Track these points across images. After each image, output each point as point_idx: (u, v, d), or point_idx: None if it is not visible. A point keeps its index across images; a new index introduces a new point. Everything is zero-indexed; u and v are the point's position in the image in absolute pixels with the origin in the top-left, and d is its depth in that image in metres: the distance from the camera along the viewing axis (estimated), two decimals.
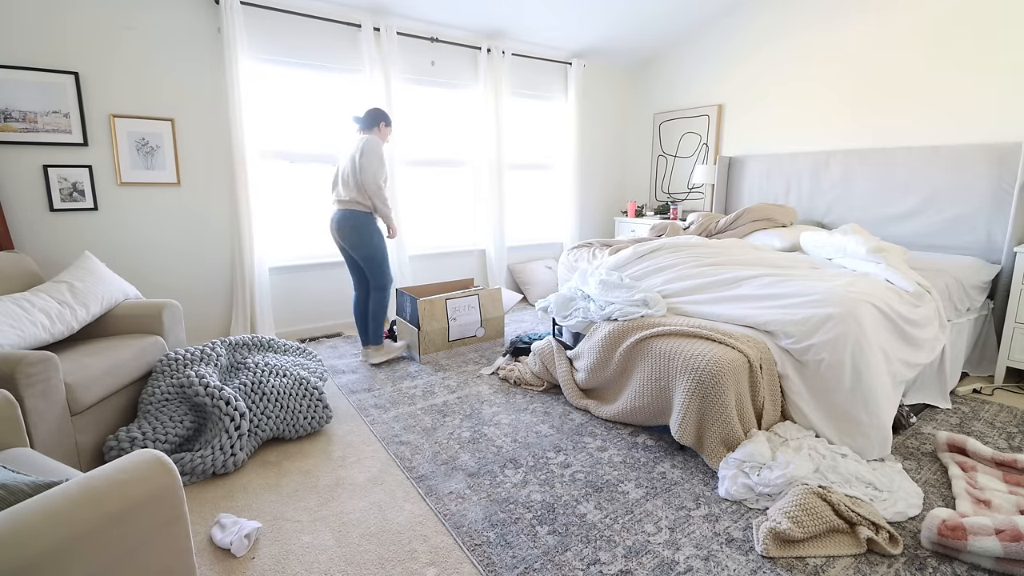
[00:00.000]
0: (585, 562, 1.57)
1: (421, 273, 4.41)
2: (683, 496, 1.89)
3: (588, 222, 5.53)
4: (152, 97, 3.15)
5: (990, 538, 1.50)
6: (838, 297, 2.17)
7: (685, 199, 5.14)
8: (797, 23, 4.06)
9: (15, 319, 1.99)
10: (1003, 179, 3.10)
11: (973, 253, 3.25)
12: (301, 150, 3.76)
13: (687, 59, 4.93)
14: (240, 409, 2.12)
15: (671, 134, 5.18)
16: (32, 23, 2.79)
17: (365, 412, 2.60)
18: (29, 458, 1.37)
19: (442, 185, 4.49)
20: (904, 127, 3.58)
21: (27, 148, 2.84)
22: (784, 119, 4.26)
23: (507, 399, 2.73)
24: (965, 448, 2.07)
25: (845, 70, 3.83)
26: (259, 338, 2.70)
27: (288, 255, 3.83)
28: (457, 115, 4.43)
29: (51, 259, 2.97)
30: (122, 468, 1.06)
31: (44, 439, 1.77)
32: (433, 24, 4.07)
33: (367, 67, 3.76)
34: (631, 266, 2.97)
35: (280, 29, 3.50)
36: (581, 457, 2.16)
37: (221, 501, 1.88)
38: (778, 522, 1.61)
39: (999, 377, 2.93)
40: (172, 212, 3.31)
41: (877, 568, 1.54)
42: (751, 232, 3.73)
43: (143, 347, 2.27)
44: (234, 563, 1.58)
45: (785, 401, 2.22)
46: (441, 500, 1.88)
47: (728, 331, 2.26)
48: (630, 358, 2.41)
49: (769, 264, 2.76)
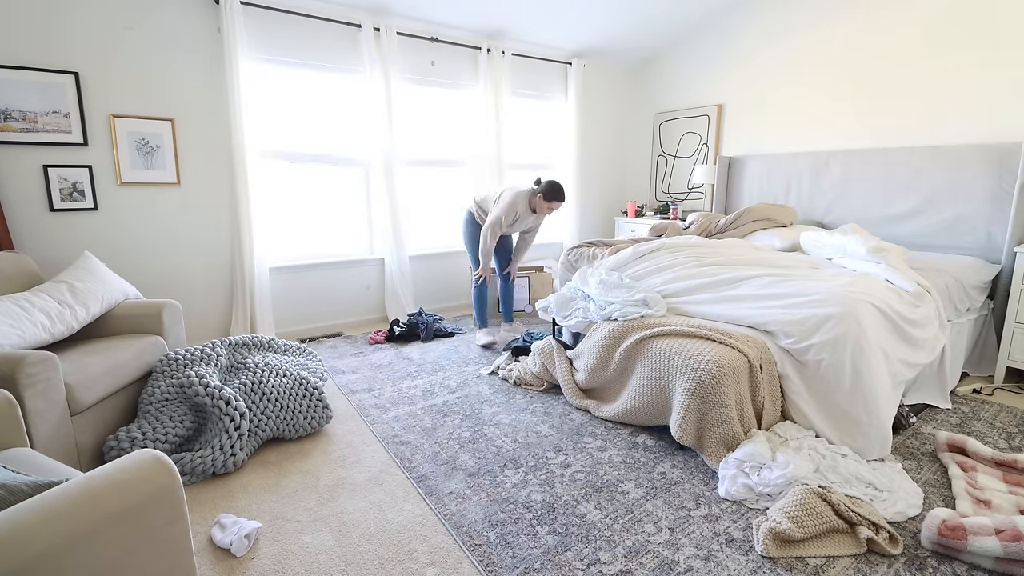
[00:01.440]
0: (585, 562, 1.57)
1: (421, 273, 4.41)
2: (683, 496, 1.89)
3: (588, 222, 5.53)
4: (152, 97, 3.15)
5: (990, 538, 1.50)
6: (838, 297, 2.17)
7: (685, 199, 5.14)
8: (797, 23, 4.06)
9: (15, 319, 1.99)
10: (1003, 179, 3.10)
11: (973, 253, 3.25)
12: (301, 150, 3.76)
13: (687, 59, 4.93)
14: (240, 409, 2.12)
15: (671, 134, 5.18)
16: (32, 23, 2.79)
17: (365, 412, 2.60)
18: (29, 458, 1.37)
19: (442, 185, 4.49)
20: (904, 127, 3.58)
21: (27, 148, 2.84)
22: (784, 119, 4.26)
23: (507, 399, 2.73)
24: (965, 448, 2.07)
25: (845, 70, 3.83)
26: (259, 338, 2.70)
27: (288, 255, 3.83)
28: (457, 115, 4.43)
29: (51, 259, 2.97)
30: (122, 468, 1.06)
31: (44, 439, 1.77)
32: (433, 24, 4.07)
33: (367, 67, 3.76)
34: (631, 266, 2.97)
35: (280, 29, 3.50)
36: (581, 457, 2.16)
37: (221, 501, 1.88)
38: (778, 522, 1.61)
39: (999, 377, 2.93)
40: (172, 212, 3.31)
41: (877, 568, 1.54)
42: (751, 232, 3.73)
43: (143, 347, 2.27)
44: (234, 563, 1.58)
45: (785, 401, 2.22)
46: (441, 500, 1.88)
47: (728, 331, 2.26)
48: (630, 358, 2.41)
49: (769, 264, 2.76)
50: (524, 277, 4.28)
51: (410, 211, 4.27)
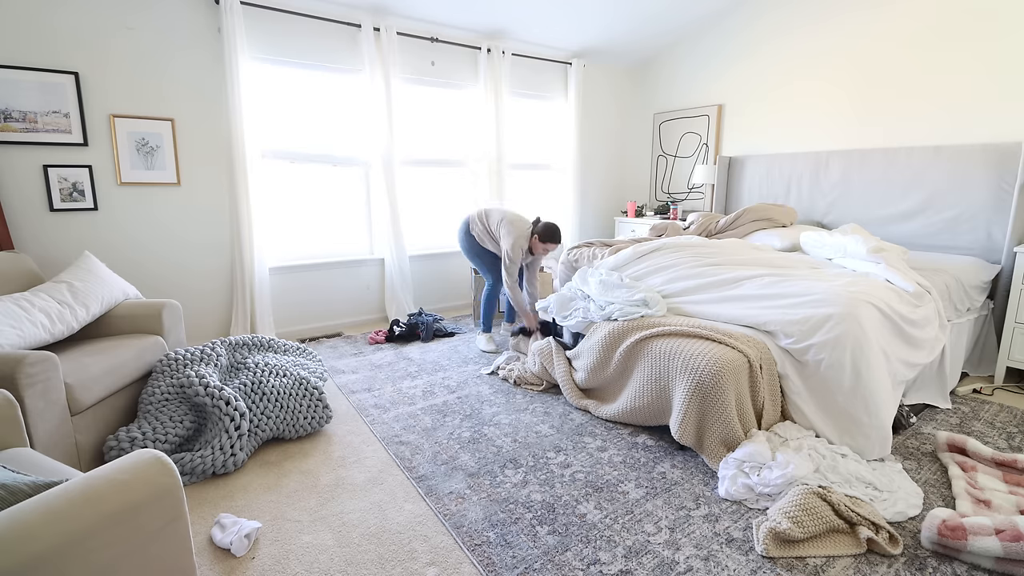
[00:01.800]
0: (585, 562, 1.57)
1: (421, 273, 4.41)
2: (683, 496, 1.89)
3: (588, 222, 5.53)
4: (152, 97, 3.15)
5: (990, 538, 1.50)
6: (838, 297, 2.17)
7: (685, 199, 5.14)
8: (797, 23, 4.06)
9: (15, 319, 1.99)
10: (1003, 179, 3.10)
11: (973, 253, 3.25)
12: (301, 150, 3.76)
13: (687, 59, 4.93)
14: (240, 409, 2.12)
15: (671, 134, 5.18)
16: (32, 23, 2.79)
17: (365, 412, 2.60)
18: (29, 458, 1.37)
19: (442, 185, 4.49)
20: (904, 127, 3.58)
21: (27, 148, 2.84)
22: (784, 119, 4.26)
23: (507, 399, 2.73)
24: (965, 448, 2.07)
25: (845, 70, 3.83)
26: (259, 338, 2.70)
27: (288, 255, 3.83)
28: (457, 115, 4.43)
29: (51, 259, 2.97)
30: (122, 468, 1.06)
31: (44, 439, 1.77)
32: (433, 24, 4.07)
33: (367, 67, 3.76)
34: (631, 266, 2.97)
35: (280, 29, 3.50)
36: (581, 457, 2.16)
37: (221, 501, 1.88)
38: (778, 522, 1.61)
39: (999, 377, 2.93)
40: (172, 212, 3.31)
41: (877, 568, 1.54)
42: (751, 232, 3.73)
43: (143, 347, 2.27)
44: (234, 563, 1.58)
45: (785, 401, 2.22)
46: (441, 500, 1.88)
47: (728, 331, 2.25)
48: (630, 358, 2.41)
49: (769, 264, 2.76)
50: None
51: (410, 211, 4.27)
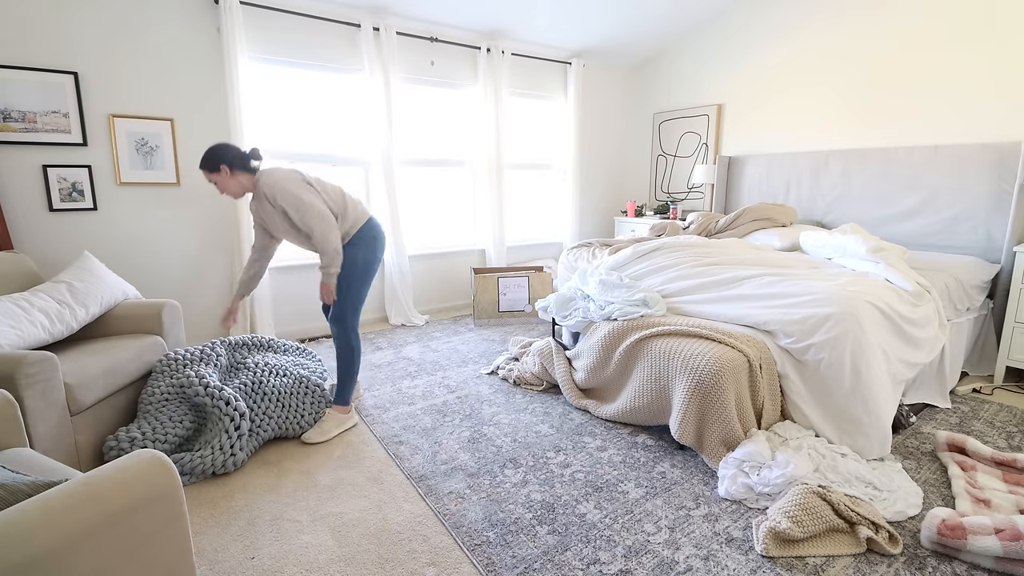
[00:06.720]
0: (585, 562, 1.57)
1: (421, 273, 4.41)
2: (683, 496, 1.89)
3: (588, 222, 5.53)
4: (151, 97, 3.15)
5: (990, 537, 1.50)
6: (838, 296, 2.17)
7: (685, 199, 5.14)
8: (796, 23, 4.06)
9: (15, 319, 1.99)
10: (1003, 179, 3.10)
11: (973, 253, 3.25)
12: (301, 150, 3.76)
13: (687, 59, 4.93)
14: (240, 409, 2.12)
15: (671, 134, 5.18)
16: (32, 23, 2.78)
17: (365, 412, 2.60)
18: (29, 458, 1.37)
19: (441, 185, 4.49)
20: (904, 127, 3.58)
21: (27, 148, 2.84)
22: (784, 119, 4.25)
23: (507, 399, 2.73)
24: (965, 447, 2.07)
25: (845, 70, 3.83)
26: (259, 338, 2.70)
27: (288, 255, 3.82)
28: (456, 115, 4.43)
29: (51, 259, 2.97)
30: (122, 468, 1.06)
31: (44, 439, 1.77)
32: (433, 24, 4.07)
33: (367, 67, 3.76)
34: (631, 266, 2.97)
35: (280, 29, 3.50)
36: (581, 457, 2.16)
37: (221, 501, 1.88)
38: (778, 521, 1.61)
39: (999, 376, 2.93)
40: (172, 212, 3.31)
41: (877, 567, 1.54)
42: (751, 232, 3.73)
43: (143, 347, 2.27)
44: (234, 563, 1.58)
45: (785, 401, 2.22)
46: (441, 500, 1.88)
47: (728, 331, 2.25)
48: (630, 358, 2.41)
49: (769, 264, 2.76)
50: (524, 277, 4.14)
51: (409, 211, 4.27)
